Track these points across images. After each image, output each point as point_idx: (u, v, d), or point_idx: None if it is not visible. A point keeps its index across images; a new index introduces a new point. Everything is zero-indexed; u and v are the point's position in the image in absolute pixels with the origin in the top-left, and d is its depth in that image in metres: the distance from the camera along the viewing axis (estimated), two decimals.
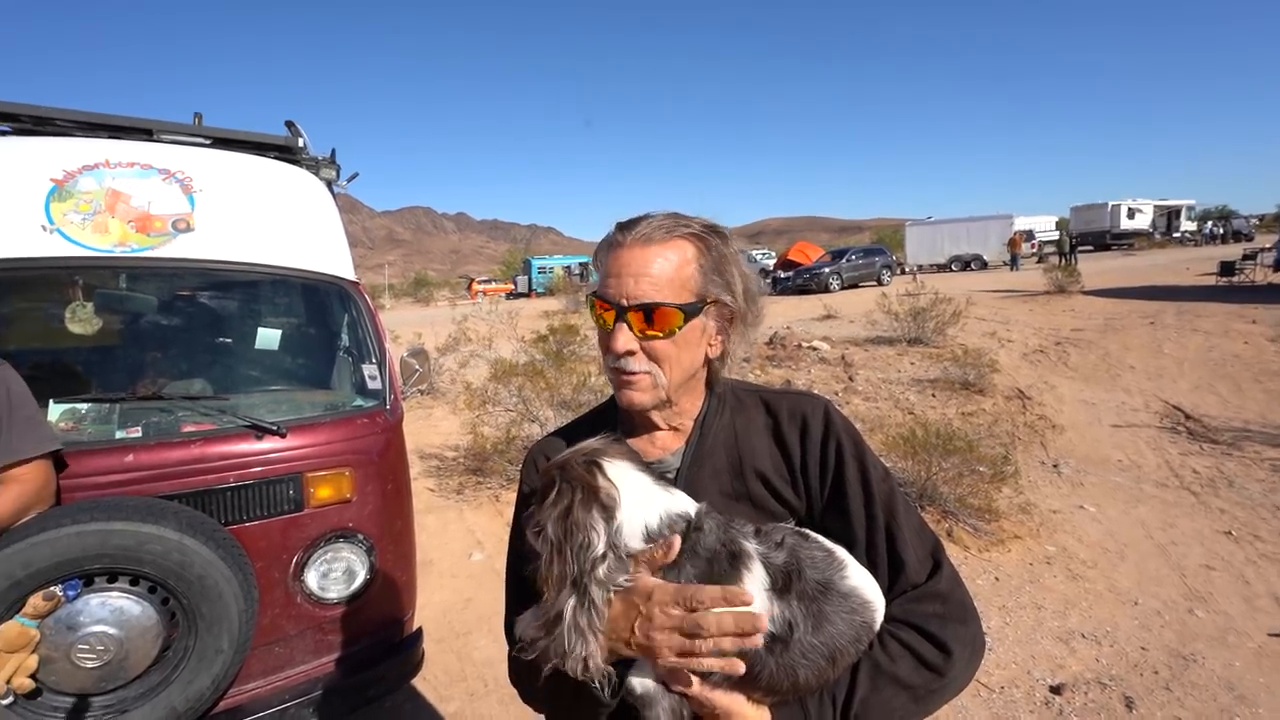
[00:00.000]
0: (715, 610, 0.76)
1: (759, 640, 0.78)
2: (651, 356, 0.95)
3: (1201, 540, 4.50)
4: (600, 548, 0.78)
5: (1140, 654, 3.25)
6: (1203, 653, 3.22)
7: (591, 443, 0.89)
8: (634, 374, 0.96)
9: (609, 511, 0.80)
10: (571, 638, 0.77)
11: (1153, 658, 3.22)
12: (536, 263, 46.59)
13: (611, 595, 0.79)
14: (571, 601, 0.77)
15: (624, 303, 0.93)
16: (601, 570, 0.78)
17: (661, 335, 0.94)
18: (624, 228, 0.97)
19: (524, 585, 0.90)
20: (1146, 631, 3.45)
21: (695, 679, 0.80)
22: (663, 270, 0.93)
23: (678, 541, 0.81)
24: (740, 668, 0.77)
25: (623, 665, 0.83)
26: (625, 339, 0.94)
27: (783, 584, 0.82)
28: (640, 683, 0.82)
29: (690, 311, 0.94)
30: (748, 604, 0.77)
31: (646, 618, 0.78)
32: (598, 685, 0.80)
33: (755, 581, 0.81)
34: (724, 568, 0.81)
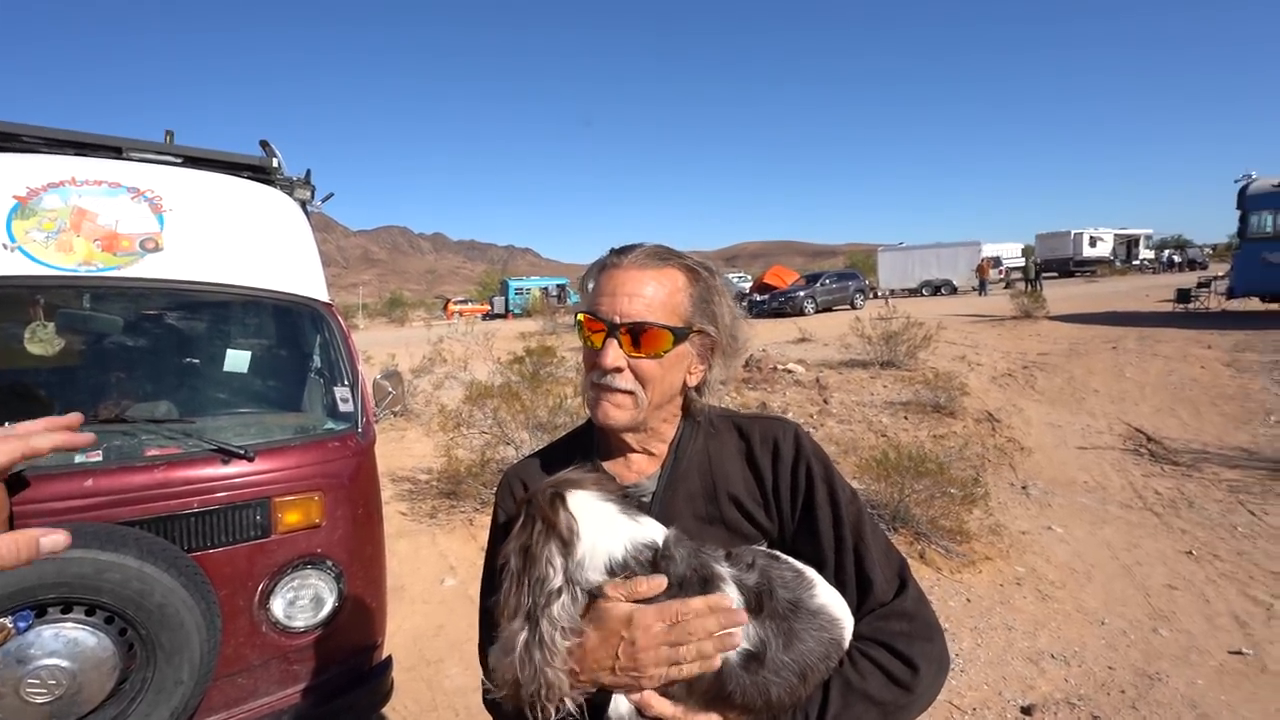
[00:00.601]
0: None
1: (739, 639, 0.79)
2: (636, 376, 0.97)
3: (1164, 560, 4.61)
4: (556, 581, 0.79)
5: (1107, 673, 3.31)
6: (1167, 671, 3.29)
7: (563, 473, 0.90)
8: (617, 391, 0.97)
9: (567, 545, 0.81)
10: (526, 672, 0.77)
11: (1119, 677, 3.27)
12: (514, 284, 46.53)
13: (560, 633, 0.78)
14: (524, 636, 0.78)
15: (616, 320, 0.96)
16: (555, 607, 0.78)
17: (648, 356, 0.96)
18: (619, 252, 1.01)
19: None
20: (1113, 651, 3.51)
21: (669, 704, 0.80)
22: (655, 294, 0.96)
23: (663, 580, 0.82)
24: (718, 662, 0.78)
25: (601, 694, 0.82)
26: (615, 355, 0.96)
27: (756, 604, 0.83)
28: (616, 708, 0.82)
29: (678, 335, 0.97)
30: (728, 607, 0.79)
31: (630, 642, 0.79)
32: (572, 714, 0.80)
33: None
34: (696, 592, 0.82)
